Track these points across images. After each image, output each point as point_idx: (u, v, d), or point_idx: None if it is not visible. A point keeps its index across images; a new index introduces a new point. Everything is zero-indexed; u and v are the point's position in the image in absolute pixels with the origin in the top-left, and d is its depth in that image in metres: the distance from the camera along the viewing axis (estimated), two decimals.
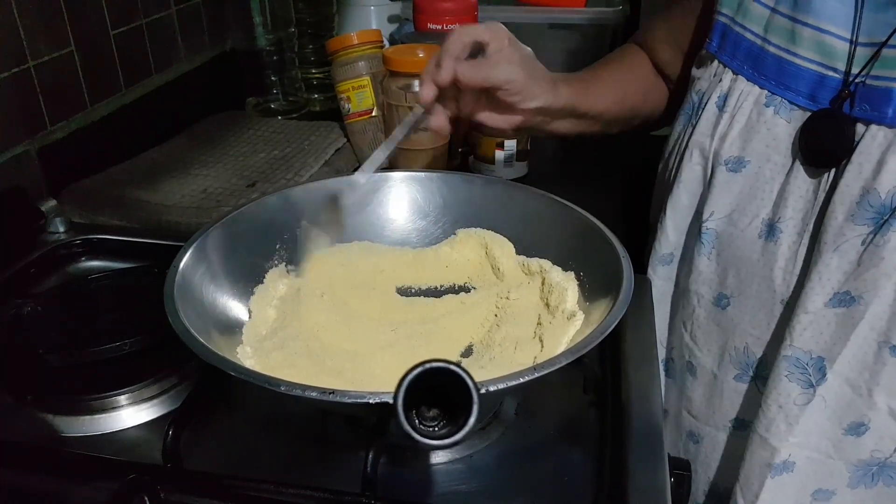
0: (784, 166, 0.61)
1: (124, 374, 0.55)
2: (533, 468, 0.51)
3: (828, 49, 0.56)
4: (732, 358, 0.68)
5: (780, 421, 0.62)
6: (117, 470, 0.47)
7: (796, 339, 0.60)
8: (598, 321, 0.49)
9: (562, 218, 0.62)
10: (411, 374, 0.36)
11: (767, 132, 0.61)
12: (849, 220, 0.56)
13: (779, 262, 0.62)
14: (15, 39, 0.75)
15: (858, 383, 0.60)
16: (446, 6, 0.95)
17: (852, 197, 0.56)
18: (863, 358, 0.59)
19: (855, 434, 0.62)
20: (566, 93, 0.68)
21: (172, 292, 0.50)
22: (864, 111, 0.55)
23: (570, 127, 0.72)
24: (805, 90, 0.59)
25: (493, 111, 0.66)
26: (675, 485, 0.51)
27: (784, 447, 0.63)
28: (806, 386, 0.61)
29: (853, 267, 0.57)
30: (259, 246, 0.62)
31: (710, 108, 0.65)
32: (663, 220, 0.72)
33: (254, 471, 0.48)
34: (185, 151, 0.94)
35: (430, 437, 0.36)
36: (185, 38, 1.06)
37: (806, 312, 0.59)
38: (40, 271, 0.72)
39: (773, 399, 0.62)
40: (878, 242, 0.55)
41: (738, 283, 0.66)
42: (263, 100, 1.13)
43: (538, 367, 0.43)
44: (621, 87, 0.76)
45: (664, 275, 0.74)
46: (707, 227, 0.66)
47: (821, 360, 0.60)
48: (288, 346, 0.54)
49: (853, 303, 0.58)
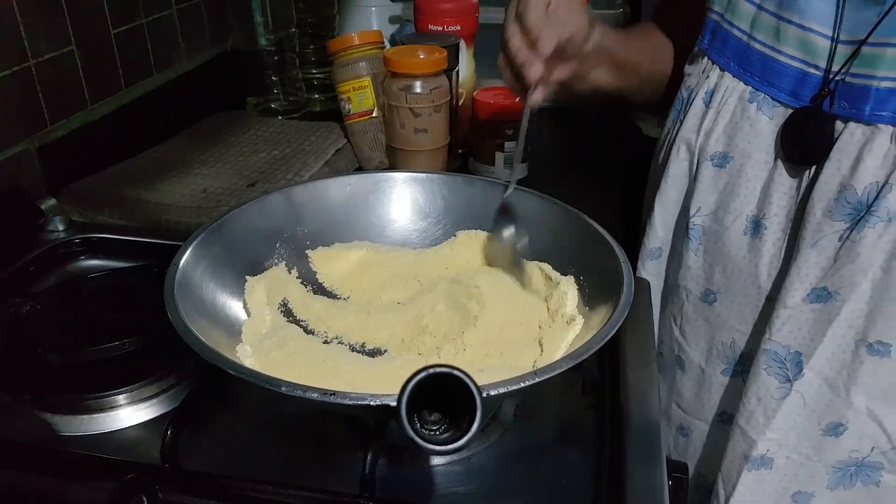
0: (767, 163, 0.62)
1: (123, 374, 0.55)
2: (531, 470, 0.51)
3: (811, 47, 0.57)
4: (719, 352, 0.69)
5: (758, 414, 0.63)
6: (116, 469, 0.47)
7: (775, 334, 0.61)
8: (598, 326, 0.49)
9: (562, 221, 0.62)
10: (415, 379, 0.36)
11: (751, 128, 0.62)
12: (826, 216, 0.57)
13: (763, 258, 0.63)
14: (16, 38, 0.75)
15: (836, 382, 0.60)
16: (447, 7, 0.95)
17: (830, 193, 0.57)
18: (841, 356, 0.60)
19: (833, 434, 0.62)
20: (610, 35, 0.68)
21: (173, 290, 0.50)
22: (842, 108, 0.56)
23: (609, 80, 0.72)
24: (788, 87, 0.59)
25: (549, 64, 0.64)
26: (672, 487, 0.51)
27: (762, 441, 0.63)
28: (783, 380, 0.62)
29: (830, 263, 0.58)
30: (259, 245, 0.62)
31: (698, 103, 0.66)
32: (652, 216, 0.72)
33: (252, 471, 0.48)
34: (185, 151, 0.94)
35: (433, 442, 0.36)
36: (186, 37, 1.06)
37: (785, 307, 0.60)
38: (40, 270, 0.72)
39: (753, 392, 0.63)
40: (855, 238, 0.56)
41: (725, 279, 0.66)
42: (264, 100, 1.13)
43: (539, 372, 0.43)
44: (654, 47, 0.76)
45: (653, 269, 0.74)
46: (694, 223, 0.67)
47: (798, 355, 0.61)
48: (287, 346, 0.55)
49: (830, 299, 0.58)
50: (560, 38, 0.60)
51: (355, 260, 0.65)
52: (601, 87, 0.72)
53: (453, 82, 0.89)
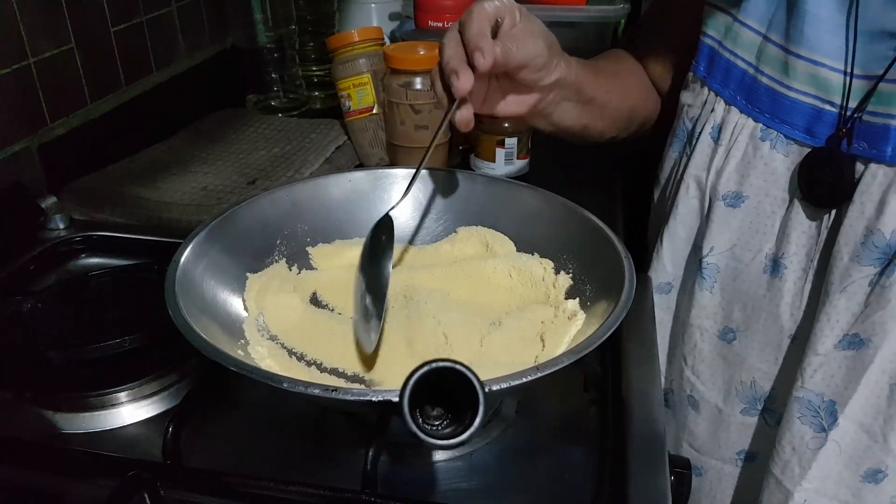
0: (784, 201, 0.59)
1: (124, 371, 0.55)
2: (533, 466, 0.51)
3: (823, 82, 0.55)
4: (739, 392, 0.67)
5: (794, 464, 0.61)
6: (117, 467, 0.47)
7: (807, 381, 0.59)
8: (600, 321, 0.49)
9: (563, 217, 0.61)
10: (417, 374, 0.36)
11: (765, 167, 0.59)
12: (854, 261, 0.55)
13: (785, 298, 0.61)
14: (15, 36, 0.75)
15: (873, 429, 0.59)
16: (447, 4, 0.95)
17: (856, 237, 0.54)
18: (875, 402, 0.58)
19: (873, 481, 0.60)
20: (576, 69, 0.64)
21: (173, 287, 0.50)
22: (862, 149, 0.53)
23: (575, 116, 0.68)
24: (801, 124, 0.57)
25: (505, 96, 0.61)
26: (675, 483, 0.50)
27: (798, 491, 0.61)
28: (818, 430, 0.60)
29: (861, 308, 0.56)
30: (260, 242, 0.62)
31: (705, 139, 0.63)
32: (660, 251, 0.70)
33: (254, 468, 0.48)
34: (185, 149, 0.94)
35: (436, 437, 0.36)
36: (186, 35, 1.06)
37: (816, 354, 0.58)
38: (40, 268, 0.72)
39: (787, 441, 0.61)
40: (885, 284, 0.54)
41: (745, 317, 0.64)
42: (264, 97, 1.12)
43: (541, 367, 0.43)
44: (623, 82, 0.74)
45: (661, 304, 0.72)
46: (708, 262, 0.65)
47: (832, 405, 0.59)
48: (288, 342, 0.55)
49: (862, 346, 0.56)
50: (509, 60, 0.56)
51: (356, 256, 0.65)
52: (563, 123, 0.68)
53: None
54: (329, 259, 0.64)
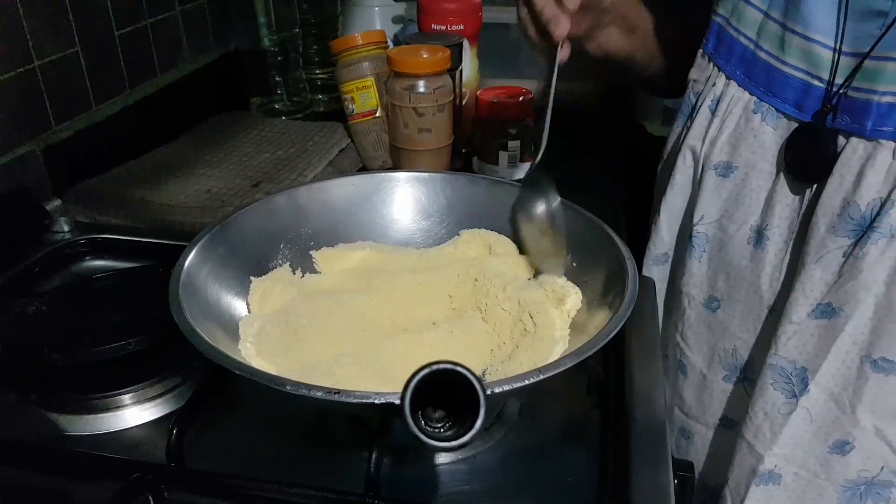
0: (770, 174, 0.61)
1: (128, 374, 0.55)
2: (536, 469, 0.51)
3: (814, 58, 0.56)
4: (721, 359, 0.69)
5: (765, 428, 0.63)
6: (121, 469, 0.47)
7: (781, 349, 0.61)
8: (603, 323, 0.49)
9: (566, 219, 0.62)
10: (418, 376, 0.36)
11: (754, 139, 0.61)
12: (830, 232, 0.56)
13: (765, 268, 0.63)
14: (20, 39, 0.76)
15: (842, 399, 0.60)
16: (450, 7, 0.95)
17: (834, 209, 0.56)
18: (846, 373, 0.59)
19: (840, 452, 0.62)
20: None
21: (178, 291, 0.50)
22: (845, 123, 0.55)
23: (621, 43, 0.72)
24: (792, 98, 0.59)
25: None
26: (678, 486, 0.50)
27: (769, 456, 0.63)
28: (789, 395, 0.61)
29: (834, 279, 0.57)
30: (263, 245, 0.62)
31: (704, 111, 0.65)
32: (657, 221, 0.72)
33: (257, 470, 0.48)
34: (189, 151, 0.94)
35: (437, 439, 0.36)
36: (190, 38, 1.06)
37: (790, 322, 0.60)
38: (45, 271, 0.72)
39: (760, 406, 0.63)
40: (858, 255, 0.55)
41: (728, 287, 0.66)
42: (268, 100, 1.13)
43: (543, 370, 0.43)
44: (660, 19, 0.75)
45: (658, 275, 0.74)
46: (698, 230, 0.67)
47: (804, 371, 0.60)
48: (291, 346, 0.55)
49: (834, 314, 0.58)
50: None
51: (359, 260, 0.65)
52: (612, 51, 0.72)
53: (457, 82, 0.89)
54: (333, 262, 0.65)
